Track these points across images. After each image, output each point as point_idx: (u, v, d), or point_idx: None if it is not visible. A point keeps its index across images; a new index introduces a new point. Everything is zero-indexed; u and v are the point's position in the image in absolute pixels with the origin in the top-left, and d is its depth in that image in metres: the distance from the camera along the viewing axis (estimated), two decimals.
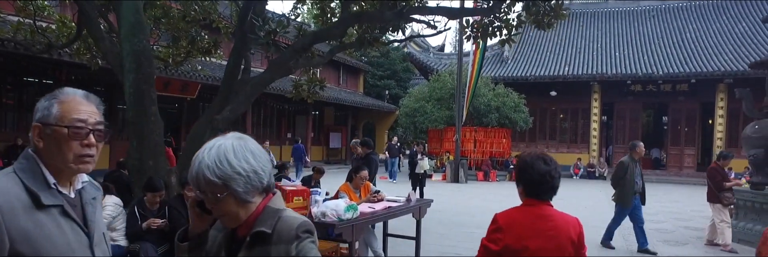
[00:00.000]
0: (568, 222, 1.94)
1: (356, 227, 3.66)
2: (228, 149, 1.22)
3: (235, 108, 5.29)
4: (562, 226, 1.92)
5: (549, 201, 1.97)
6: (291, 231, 1.22)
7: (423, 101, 19.11)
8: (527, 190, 1.96)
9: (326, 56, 7.11)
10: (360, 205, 4.45)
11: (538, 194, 1.94)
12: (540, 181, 1.92)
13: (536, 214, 1.93)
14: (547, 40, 23.58)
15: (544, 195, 1.94)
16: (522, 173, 1.97)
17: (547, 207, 1.96)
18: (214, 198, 1.21)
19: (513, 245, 1.88)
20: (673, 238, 7.00)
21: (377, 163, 6.83)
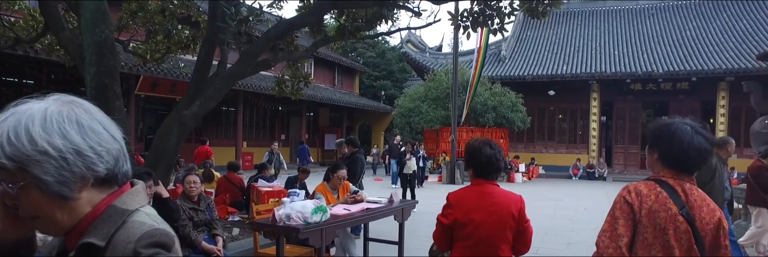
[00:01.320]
0: (509, 199, 2.15)
1: (326, 231, 3.25)
2: (34, 117, 0.83)
3: (203, 103, 4.90)
4: (503, 202, 2.12)
5: (495, 180, 2.20)
6: (128, 244, 0.81)
7: (418, 101, 18.73)
8: (476, 171, 2.19)
9: (309, 50, 6.73)
10: (335, 207, 4.06)
11: (485, 174, 2.17)
12: (487, 163, 2.14)
13: (481, 192, 2.14)
14: (545, 39, 23.24)
15: (490, 175, 2.18)
16: (471, 157, 2.18)
17: (493, 185, 2.18)
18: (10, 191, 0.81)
19: (460, 219, 2.11)
20: None
21: (363, 163, 6.43)
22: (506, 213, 2.10)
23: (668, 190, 1.60)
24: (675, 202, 1.57)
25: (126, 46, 7.82)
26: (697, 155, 1.60)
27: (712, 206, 1.62)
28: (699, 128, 1.66)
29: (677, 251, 1.54)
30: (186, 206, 3.80)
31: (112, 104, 4.96)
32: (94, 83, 4.90)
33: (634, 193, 1.63)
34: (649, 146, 1.72)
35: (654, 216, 1.56)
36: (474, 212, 2.10)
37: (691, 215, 1.56)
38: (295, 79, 7.52)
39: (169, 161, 5.02)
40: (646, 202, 1.59)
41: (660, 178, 1.64)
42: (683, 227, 1.55)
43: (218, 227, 3.93)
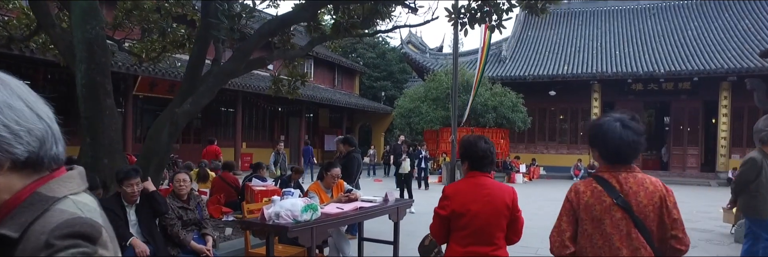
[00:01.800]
0: (503, 190, 2.26)
1: (316, 230, 3.16)
2: None
3: (195, 101, 4.81)
4: (497, 193, 2.23)
5: (488, 173, 2.32)
6: (41, 235, 0.72)
7: (418, 102, 18.64)
8: (471, 164, 2.30)
9: (304, 48, 6.65)
10: (327, 205, 3.97)
11: (480, 167, 2.30)
12: (482, 156, 2.27)
13: (476, 184, 2.25)
14: (546, 39, 23.15)
15: (484, 168, 2.31)
16: (467, 151, 2.30)
17: (487, 178, 2.30)
18: None
19: (458, 209, 2.20)
20: None
21: (360, 162, 6.33)
22: (501, 203, 2.21)
23: (603, 184, 1.79)
24: (610, 194, 1.76)
25: (121, 44, 7.76)
26: (628, 148, 1.80)
27: (652, 188, 1.78)
28: (627, 121, 1.83)
29: (615, 237, 1.74)
30: (175, 205, 3.71)
31: (103, 102, 4.88)
32: (84, 80, 4.83)
33: (573, 192, 1.86)
34: (590, 144, 1.94)
35: (590, 209, 1.78)
36: (471, 203, 2.20)
37: (628, 202, 1.75)
38: (291, 78, 7.43)
39: (161, 159, 4.94)
40: (582, 198, 1.81)
41: (597, 174, 1.86)
42: (619, 215, 1.75)
43: (208, 226, 3.84)
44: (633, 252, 1.73)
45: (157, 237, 3.50)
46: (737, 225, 6.64)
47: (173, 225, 3.62)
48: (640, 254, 1.73)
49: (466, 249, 2.20)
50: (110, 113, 4.92)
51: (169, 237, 3.62)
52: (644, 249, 1.73)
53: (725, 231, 7.22)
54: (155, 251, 3.43)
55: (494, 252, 2.20)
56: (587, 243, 1.78)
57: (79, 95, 4.87)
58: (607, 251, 1.74)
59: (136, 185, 3.47)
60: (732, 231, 6.89)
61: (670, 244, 1.77)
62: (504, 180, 16.85)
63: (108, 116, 4.89)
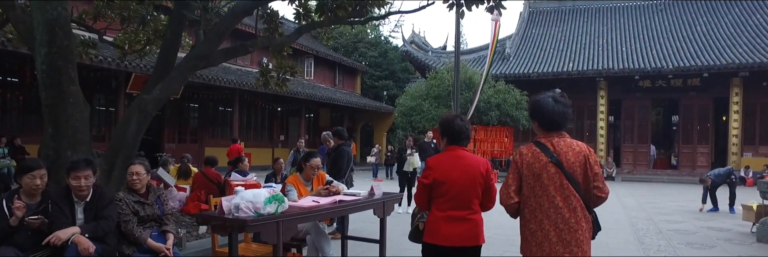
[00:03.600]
0: (478, 161, 2.55)
1: (283, 225, 2.74)
2: None
3: (165, 86, 4.41)
4: (473, 163, 2.52)
5: (464, 146, 2.61)
6: None
7: (420, 99, 18.20)
8: (450, 140, 2.59)
9: (292, 36, 6.25)
10: (303, 199, 3.55)
11: (457, 141, 2.58)
12: (458, 131, 2.57)
13: (455, 155, 2.55)
14: (550, 36, 22.71)
15: (461, 142, 2.59)
16: (446, 128, 2.61)
17: (463, 150, 2.59)
18: None
19: (439, 178, 2.48)
20: (697, 240, 6.00)
21: (350, 156, 5.91)
22: (476, 172, 2.50)
23: (540, 147, 2.23)
24: (545, 154, 2.19)
25: (102, 35, 7.38)
26: (560, 117, 2.25)
27: (578, 149, 2.22)
28: (558, 97, 2.28)
29: (551, 187, 2.18)
30: (130, 199, 3.29)
31: (66, 89, 4.49)
32: (45, 65, 4.44)
33: (518, 154, 2.29)
34: (530, 117, 2.38)
35: (531, 167, 2.21)
36: (450, 172, 2.48)
37: (559, 160, 2.18)
38: (280, 69, 7.02)
39: (129, 152, 4.53)
40: (524, 158, 2.24)
41: (536, 140, 2.29)
42: (553, 170, 2.18)
43: (170, 222, 3.42)
44: (565, 198, 2.17)
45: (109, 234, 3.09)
46: (760, 223, 6.17)
47: (128, 222, 3.21)
48: (570, 200, 2.17)
49: (446, 213, 2.48)
50: (74, 101, 4.52)
51: (122, 234, 3.21)
52: (574, 196, 2.18)
53: (745, 229, 6.75)
54: (105, 250, 3.02)
55: (470, 215, 2.50)
56: (530, 193, 2.23)
57: (39, 82, 4.49)
58: (545, 198, 2.18)
59: (84, 179, 3.06)
60: (753, 230, 6.41)
61: (593, 193, 2.23)
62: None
63: (72, 105, 4.49)
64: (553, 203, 2.16)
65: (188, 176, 6.23)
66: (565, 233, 2.15)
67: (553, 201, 2.16)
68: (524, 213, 2.26)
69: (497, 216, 3.09)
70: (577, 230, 2.16)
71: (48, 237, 2.87)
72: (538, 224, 2.19)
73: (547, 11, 25.02)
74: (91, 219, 3.11)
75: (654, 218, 7.84)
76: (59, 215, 3.03)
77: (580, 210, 2.17)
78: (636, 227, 6.85)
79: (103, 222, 3.05)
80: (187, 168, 6.29)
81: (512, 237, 5.48)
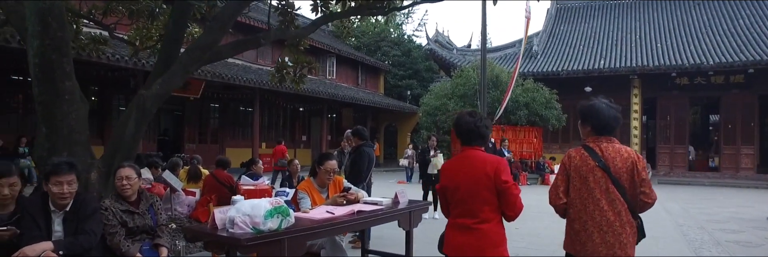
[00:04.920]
0: (485, 161, 2.31)
1: (288, 244, 2.25)
2: None
3: (166, 81, 3.99)
4: (478, 164, 2.30)
5: (479, 146, 2.40)
6: None
7: (445, 99, 17.61)
8: (460, 139, 2.42)
9: (308, 28, 5.80)
10: (315, 209, 3.06)
11: (468, 141, 2.40)
12: (467, 130, 2.38)
13: (463, 157, 2.39)
14: (580, 32, 21.87)
15: (473, 142, 2.39)
16: (455, 127, 2.47)
17: (474, 151, 2.38)
18: None
19: (446, 183, 2.41)
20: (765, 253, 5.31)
21: (372, 157, 5.42)
22: (481, 174, 2.24)
23: (589, 151, 2.31)
24: (593, 158, 2.28)
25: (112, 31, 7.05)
26: (614, 121, 2.36)
27: (626, 155, 2.27)
28: (609, 103, 2.38)
29: (597, 190, 2.25)
30: (117, 208, 2.86)
31: (60, 85, 4.11)
32: (37, 59, 4.06)
33: (567, 157, 2.38)
34: (582, 121, 2.42)
35: (578, 170, 2.30)
36: (457, 175, 2.33)
37: (606, 165, 2.25)
38: (297, 64, 6.57)
39: (127, 153, 4.13)
40: (573, 161, 2.34)
41: (585, 144, 2.37)
42: (599, 174, 2.25)
43: (164, 234, 2.98)
44: (610, 202, 2.20)
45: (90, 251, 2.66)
46: None
47: (114, 234, 2.78)
48: (615, 204, 2.20)
49: (454, 221, 2.33)
50: (70, 97, 4.13)
51: (106, 248, 2.78)
52: (619, 201, 2.20)
53: None
54: None
55: (477, 224, 2.24)
56: (576, 194, 2.27)
57: (32, 77, 4.12)
58: (590, 201, 2.22)
59: (67, 185, 2.63)
60: None
61: (639, 198, 2.23)
62: (537, 182, 15.71)
63: (68, 102, 4.11)
64: (598, 206, 2.21)
65: (198, 180, 5.82)
66: (608, 235, 2.18)
67: (598, 204, 2.21)
68: (570, 213, 2.32)
69: (530, 222, 2.73)
70: (621, 233, 2.19)
71: (14, 254, 2.45)
72: (582, 224, 2.24)
73: (575, 7, 24.15)
74: (71, 232, 2.68)
75: (706, 227, 7.11)
76: (31, 227, 2.61)
77: (625, 214, 2.20)
78: (688, 237, 6.17)
79: (82, 238, 2.61)
80: (197, 170, 5.88)
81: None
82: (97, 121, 12.71)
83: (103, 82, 12.59)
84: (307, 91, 16.01)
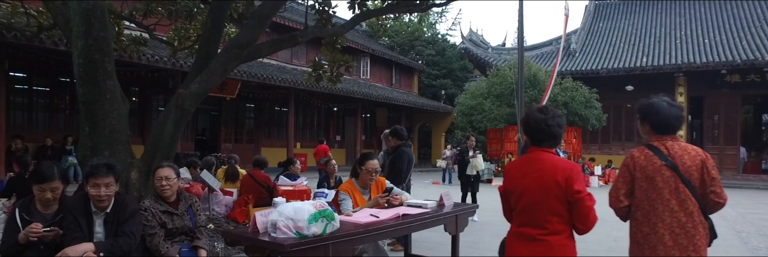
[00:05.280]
0: (556, 166, 2.05)
1: (333, 249, 2.12)
2: None
3: (204, 79, 3.94)
4: (548, 169, 2.05)
5: (550, 147, 2.13)
6: None
7: (480, 98, 17.31)
8: (529, 138, 2.17)
9: (346, 25, 5.69)
10: (358, 211, 2.93)
11: (537, 141, 2.14)
12: (536, 129, 2.12)
13: (530, 159, 2.13)
14: (620, 30, 21.18)
15: (543, 143, 2.13)
16: (523, 125, 2.21)
17: (544, 153, 2.12)
18: None
19: (508, 186, 2.21)
20: None
21: (411, 158, 5.26)
22: (550, 180, 2.03)
23: (653, 150, 2.19)
24: (659, 157, 2.15)
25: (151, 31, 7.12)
26: (675, 120, 2.25)
27: (694, 153, 2.16)
28: (671, 101, 2.29)
29: (666, 191, 2.13)
30: (157, 208, 2.80)
31: (102, 84, 4.12)
32: (81, 58, 4.09)
33: (630, 157, 2.25)
34: (641, 120, 2.32)
35: (644, 170, 2.17)
36: (521, 179, 2.11)
37: (674, 164, 2.14)
38: (333, 63, 6.49)
39: (166, 153, 4.10)
40: (637, 161, 2.20)
41: (648, 143, 2.26)
42: (668, 173, 2.13)
43: (203, 236, 2.91)
44: (681, 202, 2.11)
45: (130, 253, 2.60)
46: None
47: (153, 235, 2.71)
48: (686, 204, 2.10)
49: (518, 230, 2.12)
50: (112, 97, 4.14)
51: (147, 250, 2.72)
52: (690, 200, 2.11)
53: None
54: None
55: (543, 236, 2.00)
56: (643, 196, 2.17)
57: (76, 77, 4.14)
58: (659, 202, 2.12)
59: (105, 187, 2.58)
60: None
61: (710, 198, 2.14)
62: None
63: (109, 101, 4.12)
64: (668, 206, 2.11)
65: (236, 179, 5.79)
66: (681, 237, 2.09)
67: (668, 205, 2.11)
68: (636, 216, 2.19)
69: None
70: (694, 235, 2.09)
71: (56, 255, 2.40)
72: (651, 227, 2.13)
73: (615, 4, 23.40)
74: (111, 233, 2.62)
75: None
76: (74, 227, 2.56)
77: (697, 214, 2.10)
78: (750, 245, 5.77)
79: (122, 240, 2.55)
80: (234, 170, 5.86)
81: None
82: (138, 121, 12.97)
83: (143, 82, 12.83)
84: (342, 90, 15.99)
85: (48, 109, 11.74)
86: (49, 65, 10.45)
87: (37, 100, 11.58)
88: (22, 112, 11.25)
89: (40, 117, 11.63)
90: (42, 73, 11.25)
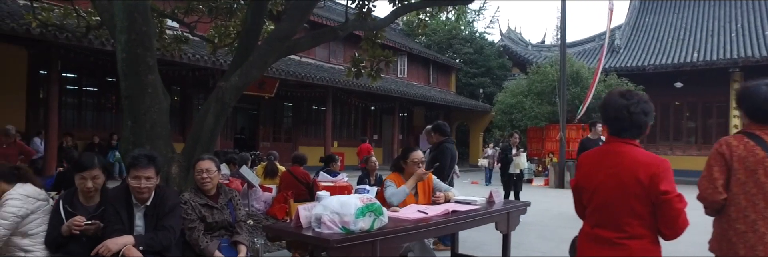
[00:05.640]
0: (639, 161, 1.76)
1: (381, 246, 1.98)
2: None
3: (244, 72, 3.87)
4: (627, 164, 1.76)
5: (631, 138, 1.83)
6: None
7: (521, 96, 16.89)
8: (608, 127, 1.89)
9: (387, 18, 5.56)
10: (404, 208, 2.78)
11: (617, 131, 1.84)
12: (615, 117, 1.82)
13: (608, 151, 1.86)
14: (668, 24, 20.30)
15: (623, 133, 1.83)
16: (601, 111, 1.92)
17: (624, 144, 1.82)
18: None
19: (580, 181, 1.91)
20: None
21: (454, 154, 5.09)
22: (629, 177, 1.74)
23: (755, 139, 1.91)
24: (762, 148, 1.89)
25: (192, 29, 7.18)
26: None
27: None
28: None
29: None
30: (197, 202, 2.73)
31: (144, 78, 4.12)
32: (124, 53, 4.10)
33: (725, 145, 1.96)
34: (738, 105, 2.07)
35: (743, 160, 1.90)
36: (595, 175, 1.85)
37: None
38: (373, 58, 6.37)
39: (206, 147, 4.06)
40: (735, 151, 1.92)
41: (747, 130, 1.98)
42: None
43: (243, 231, 2.82)
44: None
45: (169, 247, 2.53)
46: None
47: (193, 229, 2.64)
48: None
49: (592, 231, 1.87)
50: (153, 91, 4.14)
51: (186, 244, 2.64)
52: None
53: None
54: None
55: (622, 240, 1.74)
56: (740, 190, 1.91)
57: (119, 72, 4.16)
58: (761, 197, 1.87)
59: (145, 179, 2.52)
60: None
61: None
62: None
63: (150, 95, 4.11)
64: None
65: (275, 176, 5.75)
66: None
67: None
68: (729, 212, 1.94)
69: None
70: None
71: (97, 247, 2.36)
72: (749, 225, 1.89)
73: None
74: (151, 227, 2.56)
75: None
76: (114, 219, 2.51)
77: None
78: None
79: (161, 234, 2.48)
80: (273, 167, 5.81)
81: None
82: (179, 120, 13.21)
83: (184, 82, 13.06)
84: (379, 89, 15.90)
85: (96, 108, 12.13)
86: (97, 66, 10.75)
87: (86, 100, 11.97)
88: (72, 111, 11.66)
89: (89, 116, 12.03)
90: (91, 73, 11.61)
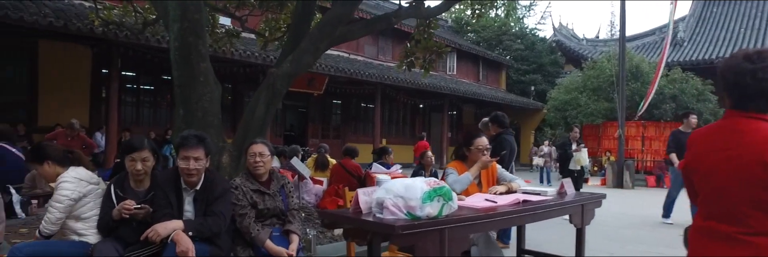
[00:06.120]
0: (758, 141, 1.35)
1: (449, 234, 1.76)
2: None
3: (297, 58, 3.74)
4: (751, 143, 1.37)
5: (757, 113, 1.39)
6: None
7: (575, 93, 16.22)
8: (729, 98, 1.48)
9: (442, 6, 5.34)
10: (471, 197, 2.55)
11: (740, 102, 1.43)
12: (739, 83, 1.40)
13: (724, 127, 1.48)
14: (737, 13, 19.05)
15: (748, 104, 1.41)
16: (721, 78, 1.49)
17: (746, 120, 1.41)
18: None
19: (690, 163, 1.58)
20: None
21: (513, 146, 4.81)
22: (752, 159, 1.33)
23: None
24: None
25: (243, 22, 7.18)
26: None
27: None
28: None
29: None
30: (248, 187, 2.59)
31: (196, 66, 4.07)
32: (177, 42, 4.06)
33: None
34: None
35: None
36: (708, 155, 1.47)
37: None
38: (426, 50, 6.15)
39: (257, 133, 3.96)
40: None
41: None
42: None
43: (295, 220, 2.66)
44: None
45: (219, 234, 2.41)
46: None
47: (244, 216, 2.50)
48: None
49: (706, 224, 1.48)
50: (205, 79, 4.08)
51: (236, 232, 2.51)
52: None
53: None
54: (213, 253, 2.33)
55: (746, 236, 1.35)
56: None
57: (172, 60, 4.13)
58: None
59: (194, 160, 2.41)
60: None
61: None
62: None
63: (202, 84, 4.06)
64: None
65: (326, 168, 5.63)
66: None
67: None
68: None
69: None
70: None
71: (146, 231, 2.26)
72: None
73: None
74: (201, 212, 2.45)
75: None
76: (163, 204, 2.40)
77: None
78: None
79: (211, 220, 2.36)
80: (324, 159, 5.70)
81: None
82: (230, 117, 13.39)
83: (235, 79, 13.23)
84: (428, 86, 15.66)
85: (152, 105, 12.52)
86: (153, 64, 11.03)
87: (143, 98, 12.38)
88: (131, 108, 12.07)
89: (146, 113, 12.42)
90: (148, 72, 11.95)
